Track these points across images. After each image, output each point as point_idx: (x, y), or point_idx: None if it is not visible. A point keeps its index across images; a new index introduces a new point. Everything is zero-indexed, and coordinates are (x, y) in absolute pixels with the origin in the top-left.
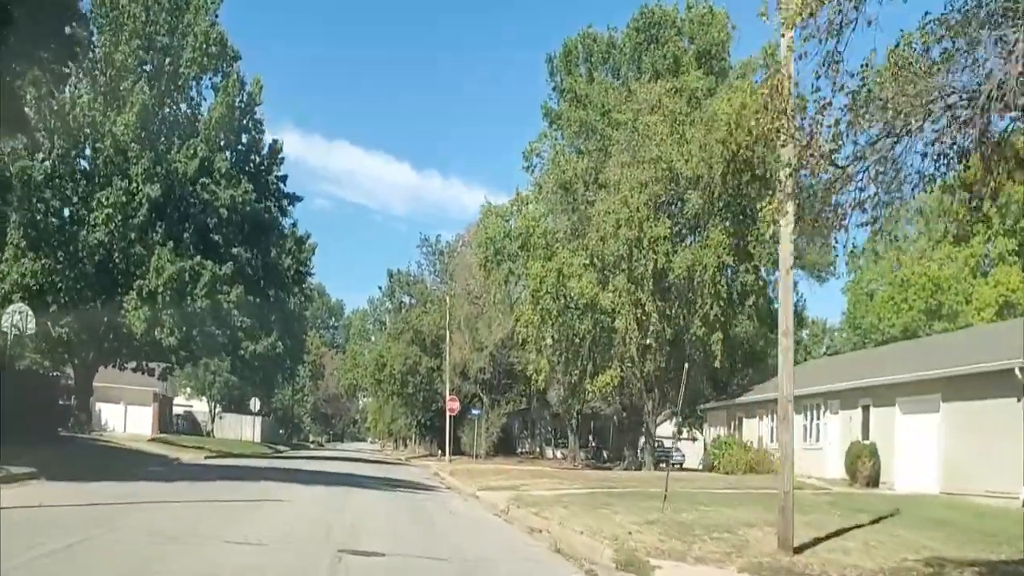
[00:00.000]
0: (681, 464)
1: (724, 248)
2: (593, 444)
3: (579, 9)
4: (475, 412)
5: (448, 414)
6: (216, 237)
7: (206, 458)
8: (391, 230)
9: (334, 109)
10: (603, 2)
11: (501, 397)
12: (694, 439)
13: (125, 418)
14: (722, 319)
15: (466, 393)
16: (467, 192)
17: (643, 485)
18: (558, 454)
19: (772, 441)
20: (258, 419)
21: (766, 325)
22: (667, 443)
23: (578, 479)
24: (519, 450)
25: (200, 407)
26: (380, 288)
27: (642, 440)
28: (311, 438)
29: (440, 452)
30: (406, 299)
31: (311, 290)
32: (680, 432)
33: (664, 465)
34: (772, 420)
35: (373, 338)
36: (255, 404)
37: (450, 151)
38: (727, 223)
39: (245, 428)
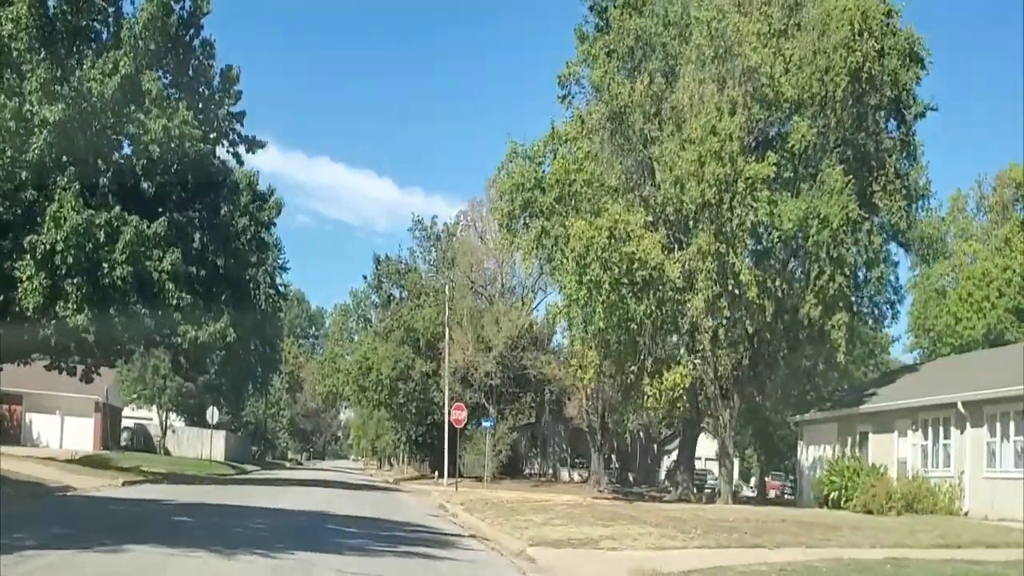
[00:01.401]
0: (714, 489)
1: (849, 197)
2: (616, 465)
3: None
4: (486, 424)
5: (453, 427)
6: (145, 185)
7: (126, 484)
8: (373, 247)
9: (316, 126)
10: None
11: (508, 408)
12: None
13: (62, 431)
14: (847, 294)
15: (468, 403)
16: (450, 209)
17: (803, 531)
18: (575, 476)
19: (929, 466)
20: (220, 434)
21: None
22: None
23: (665, 520)
24: (526, 471)
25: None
26: (365, 278)
27: (667, 460)
28: (289, 456)
29: (436, 474)
30: (396, 292)
31: (278, 269)
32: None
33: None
34: (926, 435)
35: (356, 338)
36: (213, 415)
37: (433, 168)
38: (845, 164)
39: (207, 444)
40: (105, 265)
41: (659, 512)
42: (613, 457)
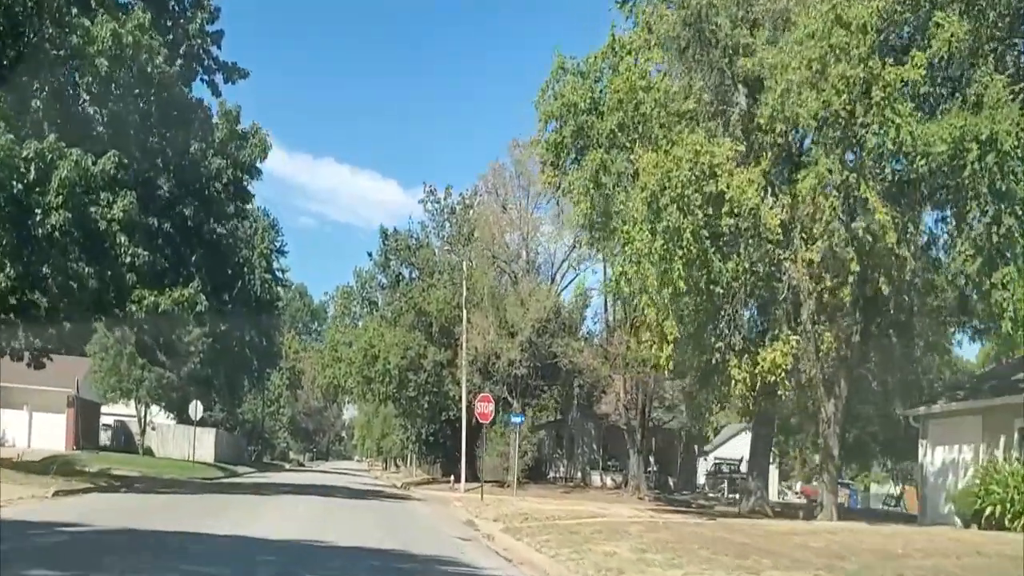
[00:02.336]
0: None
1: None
2: (653, 468)
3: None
4: (516, 420)
5: (472, 424)
6: (90, 110)
7: (57, 495)
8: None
9: (321, 127)
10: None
11: (533, 402)
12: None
13: (30, 428)
14: (1018, 240)
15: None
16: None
17: None
18: (607, 481)
19: None
20: (209, 432)
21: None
22: (724, 467)
23: (813, 555)
24: (550, 474)
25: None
26: (370, 255)
27: (704, 462)
28: (290, 456)
29: (453, 478)
30: (405, 272)
31: (275, 252)
32: (832, 452)
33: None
34: None
35: (361, 323)
36: (196, 410)
37: (437, 169)
38: (1005, 76)
39: (197, 443)
40: (37, 211)
41: (780, 538)
42: (651, 459)
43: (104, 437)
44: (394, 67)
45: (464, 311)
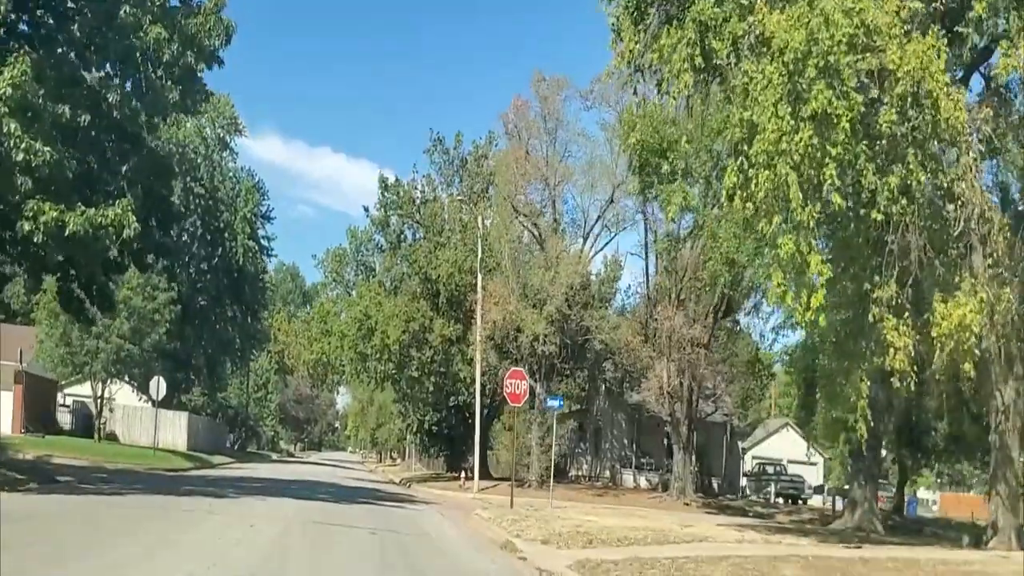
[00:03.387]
0: (803, 500)
1: None
2: (694, 468)
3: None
4: (552, 403)
5: (488, 411)
6: None
7: None
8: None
9: (317, 115)
10: None
11: (557, 388)
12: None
13: None
14: None
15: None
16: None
17: None
18: (642, 481)
19: None
20: (182, 415)
21: None
22: (769, 467)
23: None
24: (571, 472)
25: (124, 396)
26: (366, 211)
27: (743, 460)
28: (281, 446)
29: (464, 475)
30: (409, 233)
31: (260, 217)
32: (1010, 454)
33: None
34: None
35: (355, 293)
36: (158, 387)
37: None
38: None
39: (167, 429)
40: None
41: None
42: (693, 457)
43: (67, 420)
44: (393, 58)
45: (479, 276)
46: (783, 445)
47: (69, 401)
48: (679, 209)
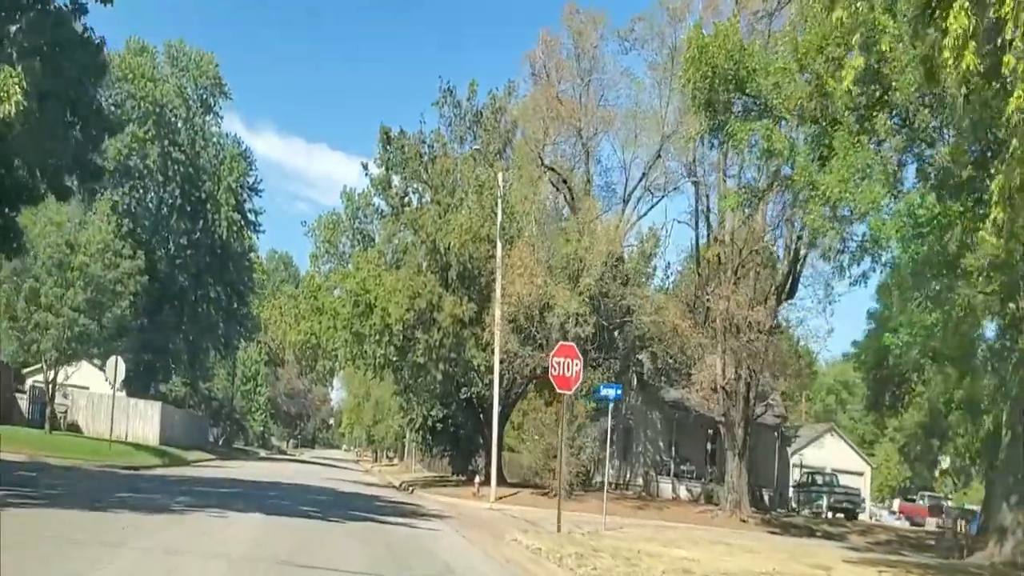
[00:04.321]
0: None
1: None
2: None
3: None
4: (608, 392)
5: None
6: None
7: None
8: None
9: (315, 112)
10: None
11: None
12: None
13: None
14: None
15: (532, 365)
16: None
17: None
18: (681, 491)
19: None
20: (153, 405)
21: None
22: (819, 478)
23: None
24: (596, 478)
25: (93, 382)
26: (365, 169)
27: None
28: (271, 443)
29: (476, 480)
30: (414, 197)
31: (246, 189)
32: None
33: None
34: None
35: (351, 264)
36: (115, 369)
37: None
38: None
39: (137, 420)
40: None
41: None
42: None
43: (30, 409)
44: (393, 56)
45: (499, 244)
46: (825, 453)
47: (33, 388)
48: (763, 153)
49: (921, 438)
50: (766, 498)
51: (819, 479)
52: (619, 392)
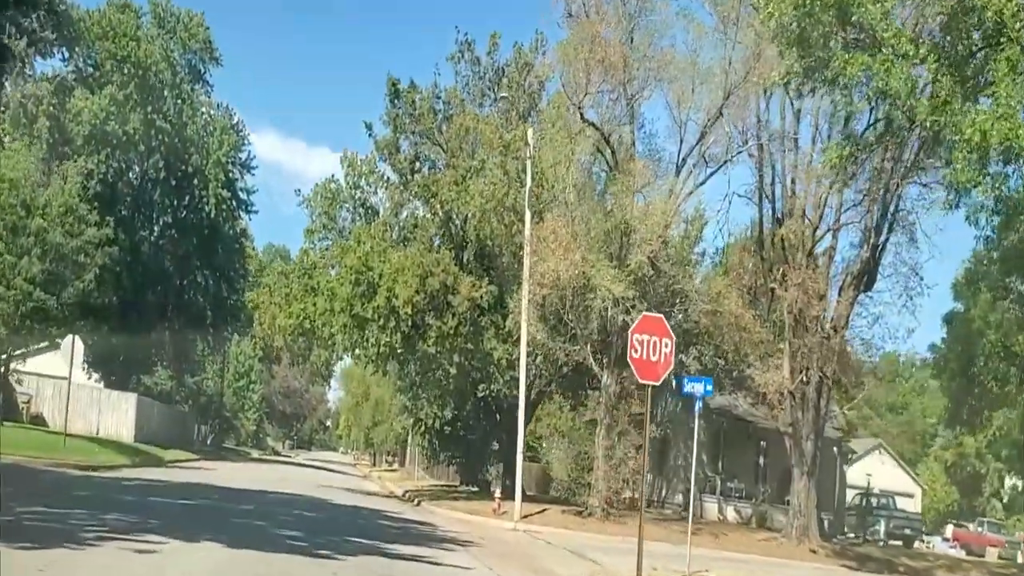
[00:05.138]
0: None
1: None
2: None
3: None
4: (695, 386)
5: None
6: None
7: None
8: None
9: (317, 115)
10: None
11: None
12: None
13: None
14: None
15: (566, 356)
16: None
17: None
18: (729, 512)
19: None
20: (127, 397)
21: None
22: (874, 500)
23: None
24: (626, 493)
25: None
26: (369, 130)
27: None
28: (268, 443)
29: (497, 493)
30: (426, 165)
31: (237, 165)
32: None
33: None
34: None
35: (353, 239)
36: (73, 348)
37: None
38: None
39: (110, 413)
40: None
41: None
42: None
43: None
44: (393, 58)
45: (528, 213)
46: (873, 471)
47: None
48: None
49: (986, 459)
50: (825, 523)
51: (875, 501)
52: (709, 388)
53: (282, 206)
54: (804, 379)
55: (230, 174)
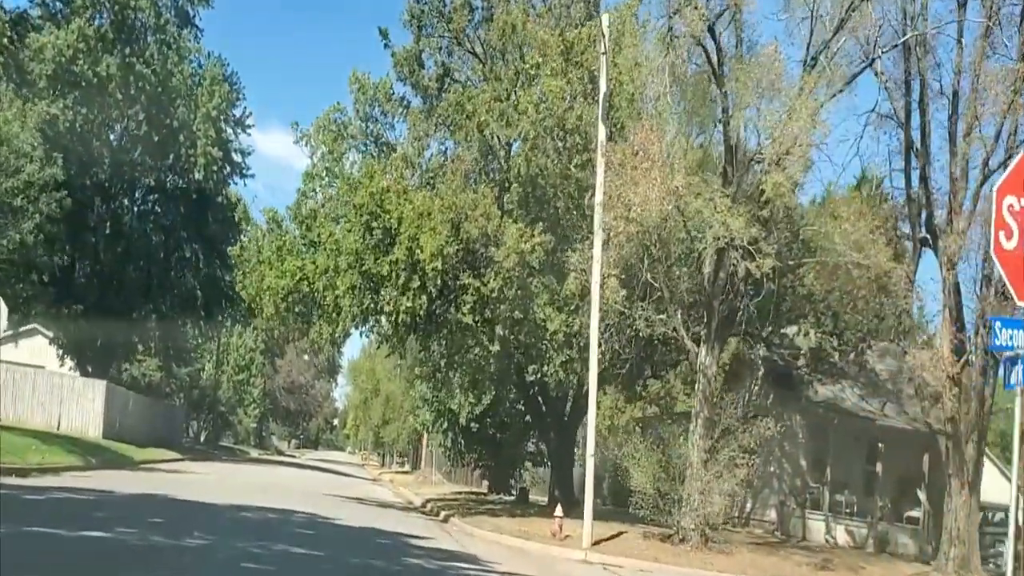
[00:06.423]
0: None
1: None
2: (924, 512)
3: None
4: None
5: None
6: None
7: None
8: None
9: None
10: None
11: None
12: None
13: None
14: None
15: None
16: None
17: None
18: (839, 532)
19: None
20: (96, 385)
21: None
22: (994, 515)
23: None
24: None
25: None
26: (384, 40)
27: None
28: (272, 442)
29: (558, 511)
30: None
31: (232, 121)
32: None
33: None
34: None
35: (364, 173)
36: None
37: None
38: None
39: (75, 403)
40: None
41: None
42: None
43: None
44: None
45: (601, 125)
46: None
47: None
48: None
49: None
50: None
51: (994, 517)
52: None
53: (284, 201)
54: (968, 359)
55: (221, 131)
